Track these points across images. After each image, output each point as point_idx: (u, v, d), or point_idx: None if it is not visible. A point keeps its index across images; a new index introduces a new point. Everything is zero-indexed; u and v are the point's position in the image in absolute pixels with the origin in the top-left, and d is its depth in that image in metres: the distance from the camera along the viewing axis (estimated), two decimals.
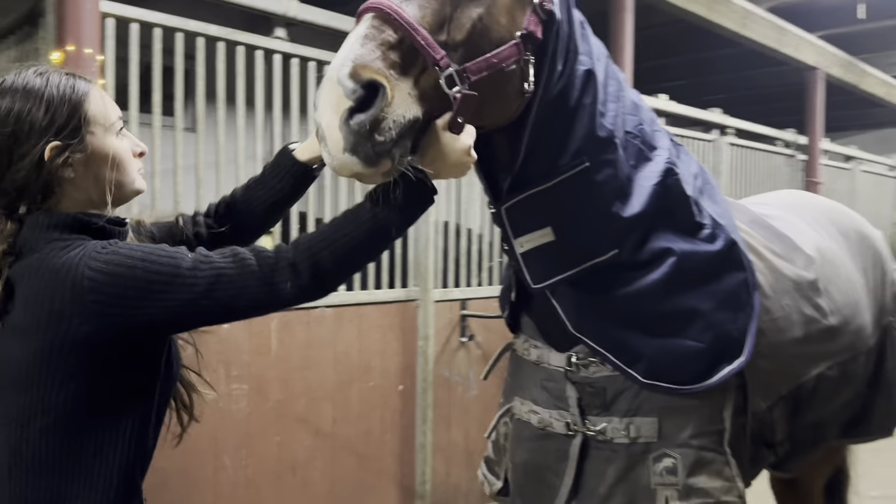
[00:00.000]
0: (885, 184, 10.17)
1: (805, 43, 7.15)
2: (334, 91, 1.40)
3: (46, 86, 1.42)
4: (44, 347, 1.35)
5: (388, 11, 1.48)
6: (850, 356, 2.49)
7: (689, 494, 1.92)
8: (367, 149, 1.41)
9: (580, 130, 1.85)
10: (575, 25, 1.89)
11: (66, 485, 1.39)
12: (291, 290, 1.44)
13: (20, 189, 1.41)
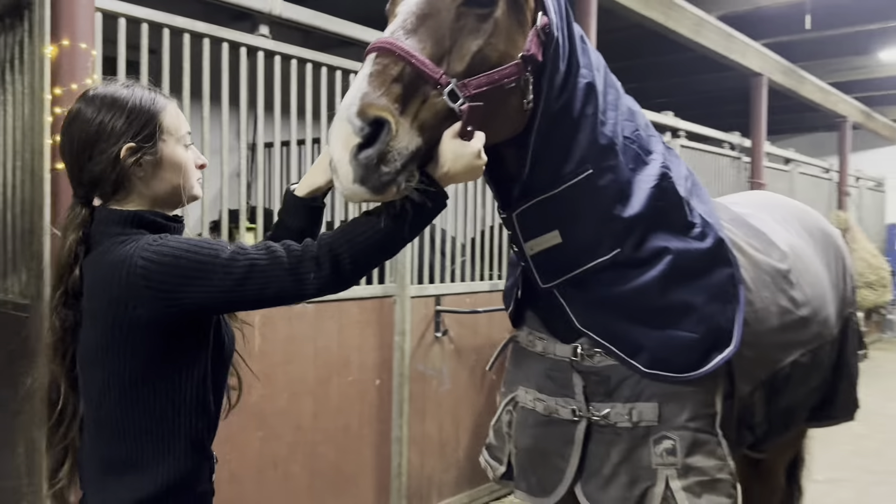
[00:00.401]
0: (820, 185, 10.69)
1: (751, 50, 7.49)
2: (344, 129, 1.54)
3: (130, 97, 1.65)
4: (108, 329, 1.56)
5: (389, 47, 1.62)
6: (818, 344, 2.69)
7: (688, 473, 2.06)
8: (374, 180, 1.55)
9: (583, 139, 1.99)
10: (575, 41, 2.02)
11: (139, 448, 1.60)
12: (314, 281, 1.57)
13: (95, 181, 1.62)
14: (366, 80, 1.59)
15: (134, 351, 1.57)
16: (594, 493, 2.16)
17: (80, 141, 1.62)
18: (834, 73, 9.59)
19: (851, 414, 3.10)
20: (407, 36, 1.65)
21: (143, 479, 1.60)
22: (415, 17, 1.68)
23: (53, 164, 2.70)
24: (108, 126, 1.60)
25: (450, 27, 1.70)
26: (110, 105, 1.63)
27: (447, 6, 1.70)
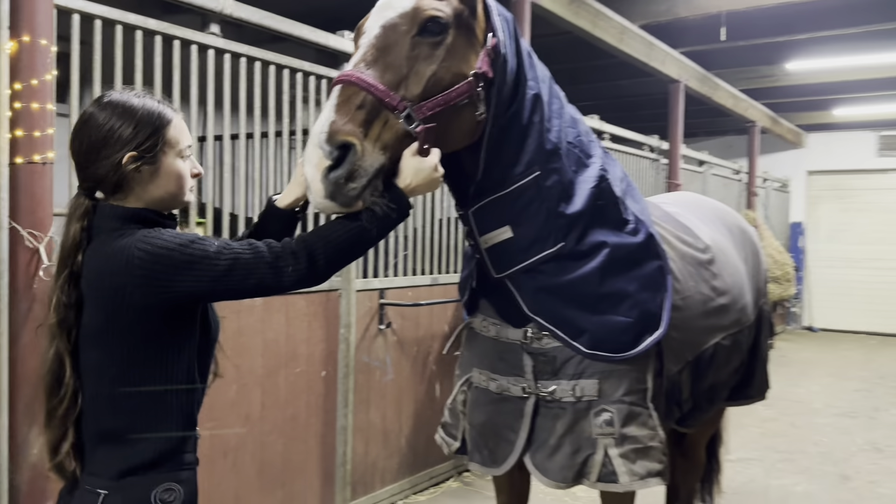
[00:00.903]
0: (731, 185, 11.33)
1: (670, 58, 7.91)
2: (315, 153, 1.81)
3: (141, 108, 1.78)
4: (107, 313, 1.72)
5: (352, 79, 1.87)
6: (738, 329, 3.00)
7: (623, 441, 2.32)
8: (342, 196, 1.82)
9: (531, 144, 2.24)
10: (523, 56, 2.28)
11: (133, 422, 1.75)
12: (292, 274, 1.77)
13: (98, 180, 1.78)
14: (333, 109, 1.84)
15: (130, 333, 1.73)
16: (542, 462, 2.39)
17: (88, 143, 1.76)
18: (744, 81, 10.19)
19: (764, 393, 3.44)
20: (367, 67, 1.91)
21: (135, 450, 1.75)
22: (374, 49, 1.94)
23: (12, 158, 2.72)
24: (116, 133, 1.74)
25: (405, 56, 1.95)
26: (121, 114, 1.76)
27: (402, 38, 1.95)
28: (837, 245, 14.01)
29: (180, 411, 1.81)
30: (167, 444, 1.79)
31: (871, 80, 10.11)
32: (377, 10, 2.02)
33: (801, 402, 7.92)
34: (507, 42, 2.18)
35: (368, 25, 2.01)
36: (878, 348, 12.00)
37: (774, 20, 7.39)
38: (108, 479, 1.75)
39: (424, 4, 1.98)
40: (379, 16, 2.00)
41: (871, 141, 13.53)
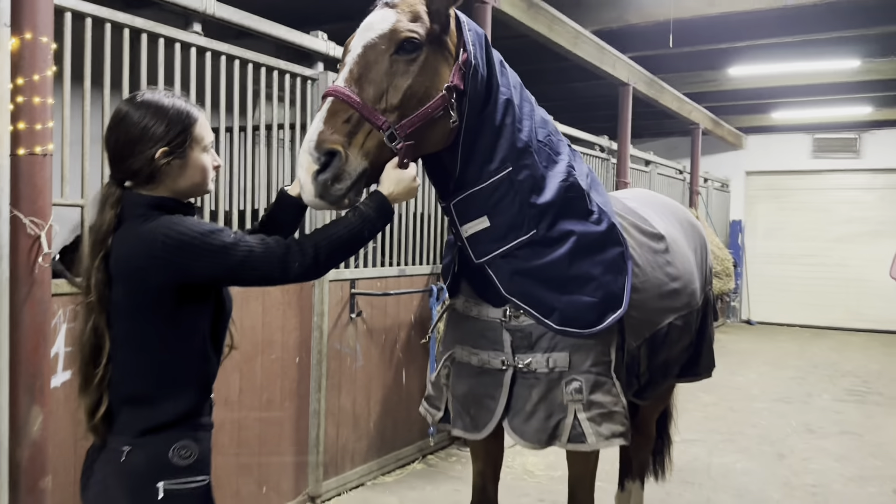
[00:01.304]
0: (675, 185, 11.84)
1: (620, 62, 8.28)
2: (306, 158, 2.11)
3: (171, 108, 1.98)
4: (133, 292, 1.93)
5: (340, 95, 2.18)
6: (688, 311, 3.31)
7: (590, 407, 2.61)
8: (330, 195, 2.14)
9: (504, 144, 2.52)
10: (494, 66, 2.56)
11: (153, 386, 1.97)
12: (298, 268, 2.02)
13: (133, 173, 1.99)
14: (322, 120, 2.16)
15: (152, 309, 1.94)
16: (519, 426, 2.65)
17: (124, 139, 1.95)
18: (689, 85, 10.68)
19: (710, 371, 3.78)
20: (352, 83, 2.22)
21: (154, 412, 1.96)
22: (357, 66, 2.25)
23: (15, 150, 2.84)
24: (150, 131, 1.94)
25: (385, 72, 2.26)
26: (154, 112, 1.96)
27: (381, 57, 2.25)
28: (774, 242, 14.71)
29: (196, 378, 2.03)
30: (184, 406, 2.00)
31: (807, 86, 10.72)
32: (360, 32, 2.30)
33: (740, 389, 8.39)
34: (478, 54, 2.46)
35: (353, 45, 2.29)
36: (812, 340, 12.69)
37: (718, 28, 7.82)
38: (131, 436, 1.96)
39: (400, 26, 2.26)
40: (361, 36, 2.29)
41: (806, 143, 14.25)
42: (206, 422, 2.09)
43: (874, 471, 5.55)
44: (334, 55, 4.64)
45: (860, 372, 9.69)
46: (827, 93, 11.17)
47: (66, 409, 3.22)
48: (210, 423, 2.11)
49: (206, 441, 2.06)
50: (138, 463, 1.94)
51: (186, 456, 1.97)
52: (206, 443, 2.06)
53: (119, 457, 1.95)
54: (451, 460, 5.57)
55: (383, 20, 2.27)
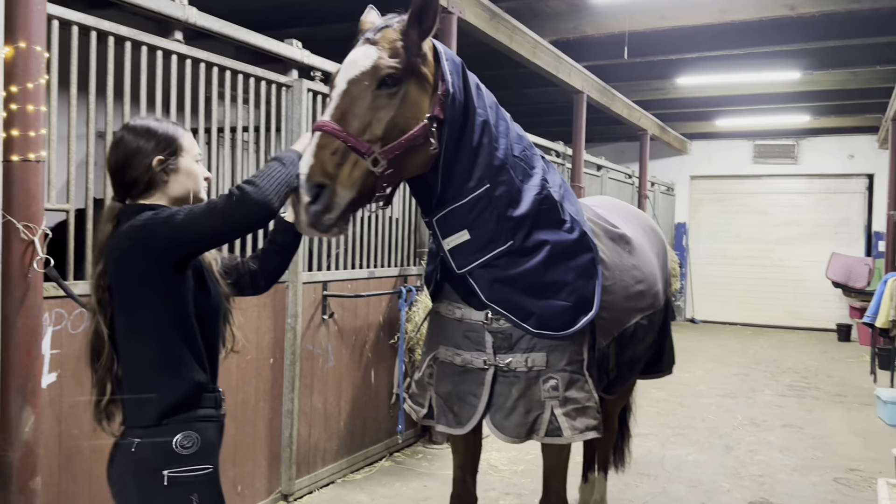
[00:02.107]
0: (624, 188, 12.22)
1: (575, 70, 8.57)
2: (299, 191, 2.28)
3: (159, 128, 2.25)
4: (119, 286, 2.13)
5: (327, 128, 2.36)
6: (652, 311, 3.54)
7: (566, 403, 2.80)
8: (320, 224, 2.33)
9: (482, 162, 2.71)
10: (471, 90, 2.76)
11: (155, 381, 2.13)
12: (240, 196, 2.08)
13: (133, 183, 2.21)
14: (311, 154, 2.32)
15: (139, 302, 2.11)
16: (500, 422, 2.83)
17: (122, 157, 2.20)
18: (638, 93, 11.06)
19: (671, 368, 4.03)
20: (338, 117, 2.40)
21: (155, 404, 2.12)
22: (343, 101, 2.43)
23: (8, 156, 2.90)
24: (144, 147, 2.20)
25: (368, 106, 2.44)
26: (145, 132, 2.22)
27: (365, 92, 2.44)
28: (717, 244, 15.28)
29: (189, 369, 2.17)
30: (180, 397, 2.15)
31: (750, 95, 11.22)
32: (344, 67, 2.48)
33: (688, 385, 8.76)
34: (456, 83, 2.64)
35: (338, 80, 2.46)
36: (753, 338, 13.25)
37: (669, 40, 8.18)
38: (140, 429, 2.14)
39: (381, 63, 2.43)
40: (345, 72, 2.46)
41: (747, 149, 14.85)
42: (209, 413, 2.23)
43: (815, 461, 5.91)
44: (308, 63, 4.75)
45: (799, 368, 10.19)
46: (768, 102, 11.71)
47: (52, 411, 3.28)
48: (215, 414, 2.25)
49: (210, 431, 2.21)
50: (146, 453, 2.12)
51: (188, 445, 2.13)
52: (210, 433, 2.21)
53: (130, 448, 2.13)
54: (417, 457, 5.73)
55: (365, 57, 2.44)
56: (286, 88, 4.66)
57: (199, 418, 2.19)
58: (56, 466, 3.33)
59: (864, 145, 13.96)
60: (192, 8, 3.89)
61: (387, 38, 2.47)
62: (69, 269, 3.38)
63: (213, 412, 2.25)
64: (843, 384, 9.15)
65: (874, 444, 6.48)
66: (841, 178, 14.34)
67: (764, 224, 14.90)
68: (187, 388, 2.16)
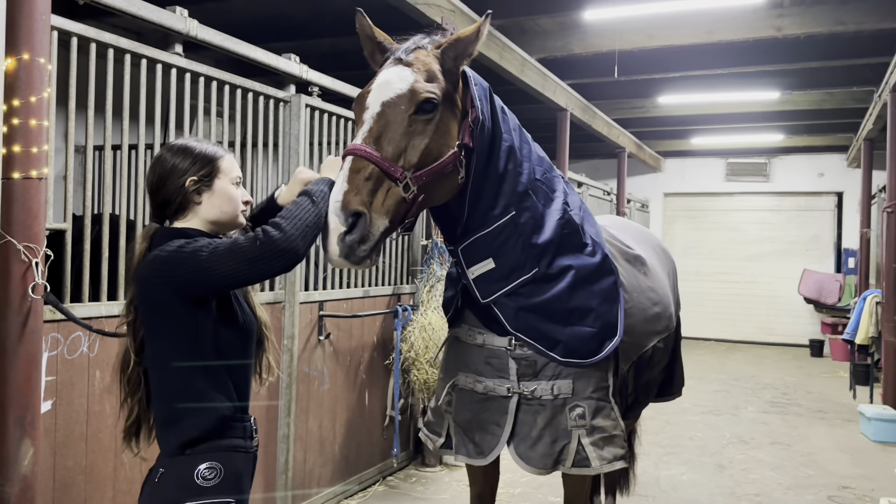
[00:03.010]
0: (603, 205, 12.27)
1: (560, 88, 8.59)
2: (333, 220, 2.14)
3: (198, 147, 2.20)
4: (147, 312, 2.08)
5: (361, 153, 2.24)
6: (667, 334, 3.49)
7: (593, 431, 2.72)
8: (354, 256, 2.19)
9: (507, 189, 2.63)
10: (497, 114, 2.67)
11: (181, 409, 2.06)
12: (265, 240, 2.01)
13: (166, 202, 2.15)
14: (346, 179, 2.20)
15: (164, 330, 2.05)
16: (525, 452, 2.74)
17: (158, 175, 2.16)
18: (617, 111, 11.15)
19: (681, 390, 3.98)
20: (372, 141, 2.28)
21: (179, 432, 2.06)
22: (377, 125, 2.31)
23: (8, 174, 2.74)
24: (179, 167, 2.15)
25: (404, 132, 2.32)
26: (183, 152, 2.17)
27: (401, 116, 2.32)
28: (690, 260, 15.41)
29: (211, 400, 2.08)
30: (206, 427, 2.06)
31: (726, 114, 11.38)
32: (377, 88, 2.34)
33: (672, 403, 8.56)
34: (485, 110, 2.55)
35: (370, 101, 2.33)
36: (728, 353, 13.36)
37: (655, 60, 8.24)
38: (166, 457, 2.08)
39: (419, 87, 2.32)
40: (379, 93, 2.33)
41: (720, 167, 15.06)
42: (237, 443, 2.13)
43: (808, 479, 5.92)
44: (307, 78, 4.65)
45: (778, 384, 10.28)
46: (743, 121, 11.89)
47: (46, 441, 3.10)
48: (244, 445, 2.15)
49: (237, 461, 2.11)
50: (168, 484, 2.04)
51: (210, 477, 2.04)
52: (238, 463, 2.11)
53: (155, 476, 2.07)
54: (411, 481, 5.61)
55: (401, 79, 2.33)
56: (284, 104, 4.55)
57: (225, 448, 2.09)
58: (51, 500, 3.15)
59: (833, 164, 14.25)
60: (194, 20, 3.77)
61: (421, 60, 2.38)
62: (65, 290, 3.23)
63: (242, 442, 2.14)
64: (823, 400, 9.24)
65: (862, 460, 6.52)
66: (811, 196, 14.60)
67: (736, 241, 15.09)
68: (209, 422, 2.07)
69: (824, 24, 6.70)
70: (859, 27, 6.72)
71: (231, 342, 2.15)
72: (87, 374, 3.29)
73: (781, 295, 14.42)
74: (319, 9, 6.90)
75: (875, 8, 6.58)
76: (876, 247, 10.51)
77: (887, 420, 7.17)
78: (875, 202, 11.13)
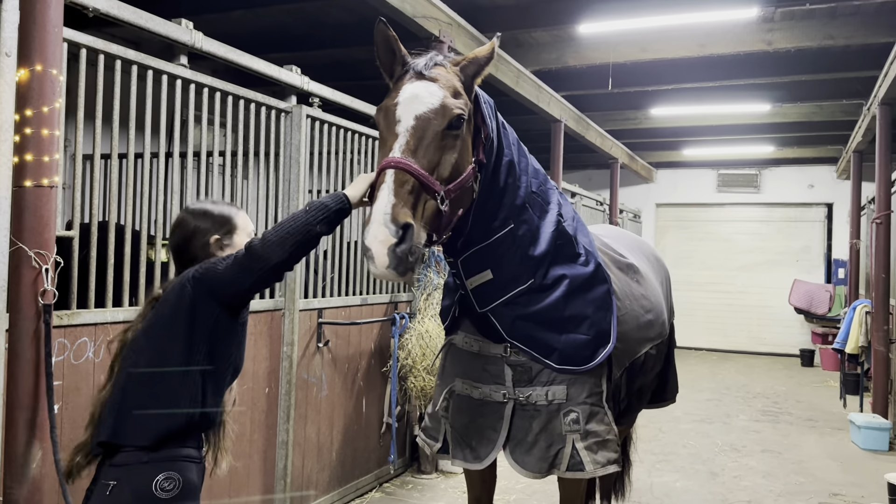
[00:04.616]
0: (596, 215, 12.36)
1: (554, 100, 8.69)
2: (382, 231, 2.17)
3: (216, 210, 2.45)
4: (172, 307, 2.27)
5: (404, 167, 2.27)
6: (659, 341, 3.57)
7: (587, 436, 2.79)
8: (402, 266, 2.20)
9: (507, 203, 2.71)
10: (500, 130, 2.74)
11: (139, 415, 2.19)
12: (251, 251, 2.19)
13: (192, 259, 2.38)
14: (392, 192, 2.22)
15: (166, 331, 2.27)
16: (521, 457, 2.81)
17: (181, 238, 2.40)
18: (610, 122, 11.27)
19: (675, 396, 4.06)
20: (411, 154, 2.31)
21: (142, 435, 2.16)
22: (414, 139, 2.34)
23: (21, 182, 2.80)
24: (201, 227, 2.40)
25: (437, 146, 2.37)
26: (202, 215, 2.43)
27: (434, 131, 2.37)
28: (682, 270, 15.51)
29: (187, 404, 2.20)
30: (168, 430, 2.16)
31: (718, 126, 11.52)
32: (407, 101, 2.37)
33: (664, 411, 8.72)
34: (494, 127, 2.63)
35: (401, 113, 2.36)
36: (720, 363, 13.46)
37: (648, 72, 8.37)
38: (116, 468, 2.13)
39: (450, 103, 2.38)
40: (410, 106, 2.36)
41: (711, 178, 15.21)
42: (193, 454, 2.23)
43: (799, 487, 6.00)
44: (308, 89, 4.73)
45: (769, 393, 10.38)
46: (735, 133, 12.03)
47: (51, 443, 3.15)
48: (198, 455, 2.27)
49: (191, 473, 2.20)
50: (122, 498, 2.08)
51: (170, 488, 2.11)
52: (192, 473, 2.20)
53: (106, 490, 2.10)
54: (408, 487, 5.66)
55: (430, 94, 2.36)
56: (285, 114, 4.63)
57: (182, 458, 2.18)
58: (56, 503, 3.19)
59: (823, 175, 14.41)
60: (199, 33, 3.84)
61: (444, 76, 2.43)
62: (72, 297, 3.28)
63: (195, 452, 2.25)
64: (813, 409, 9.34)
65: (852, 468, 6.61)
66: (801, 207, 14.75)
67: (727, 251, 15.22)
68: (175, 427, 2.18)
69: (814, 38, 6.83)
70: (848, 41, 6.86)
71: (217, 370, 2.30)
72: (93, 379, 3.35)
73: (772, 305, 14.55)
74: (318, 21, 6.99)
75: (864, 23, 6.71)
76: (865, 257, 10.64)
77: (877, 428, 7.27)
78: (864, 213, 11.27)
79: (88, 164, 5.65)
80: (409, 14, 5.34)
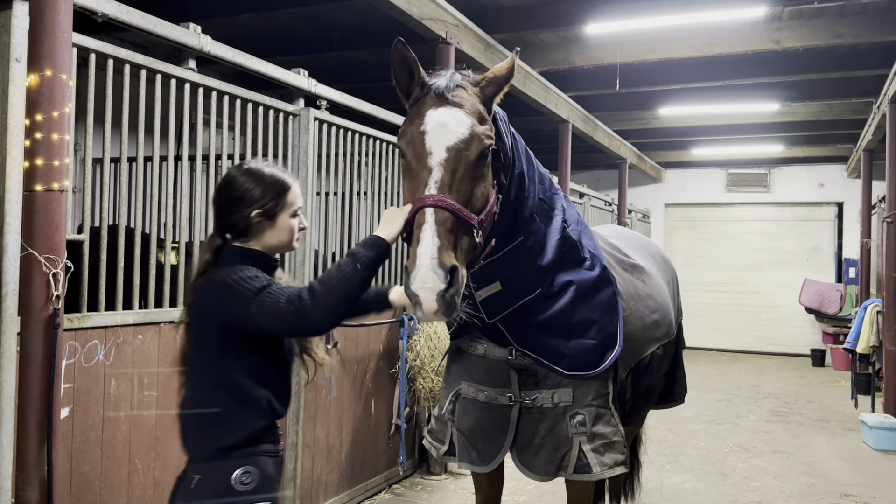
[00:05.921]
0: (604, 216, 12.35)
1: (562, 100, 8.69)
2: (430, 276, 2.07)
3: (270, 177, 2.27)
4: (201, 325, 2.20)
5: (444, 205, 2.19)
6: (666, 341, 3.57)
7: (594, 438, 2.79)
8: (450, 310, 2.13)
9: (517, 216, 2.69)
10: (513, 145, 2.66)
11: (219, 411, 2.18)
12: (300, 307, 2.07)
13: (231, 226, 2.29)
14: (434, 233, 2.14)
15: (214, 344, 2.18)
16: (528, 460, 2.81)
17: (228, 199, 2.26)
18: (618, 122, 11.25)
19: (683, 397, 4.05)
20: (447, 190, 2.23)
21: (217, 438, 2.16)
22: (448, 172, 2.25)
23: (31, 186, 2.83)
24: (249, 194, 2.24)
25: (470, 177, 2.31)
26: (255, 179, 2.25)
27: (466, 163, 2.29)
28: (691, 270, 15.48)
29: (257, 406, 2.19)
30: (245, 432, 2.16)
31: (727, 125, 11.48)
32: (435, 130, 2.27)
33: (674, 412, 8.71)
34: (509, 144, 2.56)
35: (431, 144, 2.26)
36: (730, 363, 13.40)
37: (656, 72, 8.35)
38: (199, 463, 2.17)
39: (479, 131, 2.30)
40: (440, 137, 2.26)
41: (721, 177, 15.16)
42: (270, 448, 2.24)
43: (810, 487, 5.97)
44: (316, 92, 4.75)
45: (779, 394, 10.33)
46: (744, 132, 11.99)
47: (63, 447, 3.17)
48: (274, 449, 2.26)
49: (269, 467, 2.22)
50: (205, 490, 2.13)
51: (247, 482, 2.14)
52: (269, 466, 2.22)
53: (190, 483, 2.16)
54: (417, 489, 5.66)
55: (458, 122, 2.27)
56: (293, 117, 4.65)
57: (260, 452, 2.20)
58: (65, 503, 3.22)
59: (833, 174, 14.34)
60: (207, 37, 3.87)
61: (468, 100, 2.33)
62: (83, 300, 3.31)
63: (273, 447, 2.26)
64: (824, 409, 9.29)
65: (863, 468, 6.57)
66: (811, 206, 14.68)
67: (737, 251, 15.16)
68: (248, 429, 2.17)
69: (822, 37, 6.80)
70: (857, 40, 6.82)
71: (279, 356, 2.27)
72: (103, 382, 3.37)
73: (782, 305, 14.48)
74: (326, 24, 7.02)
75: (872, 21, 6.68)
76: (876, 256, 10.58)
77: (889, 428, 7.22)
78: (875, 212, 11.22)
79: (98, 168, 5.71)
80: (415, 16, 5.36)
